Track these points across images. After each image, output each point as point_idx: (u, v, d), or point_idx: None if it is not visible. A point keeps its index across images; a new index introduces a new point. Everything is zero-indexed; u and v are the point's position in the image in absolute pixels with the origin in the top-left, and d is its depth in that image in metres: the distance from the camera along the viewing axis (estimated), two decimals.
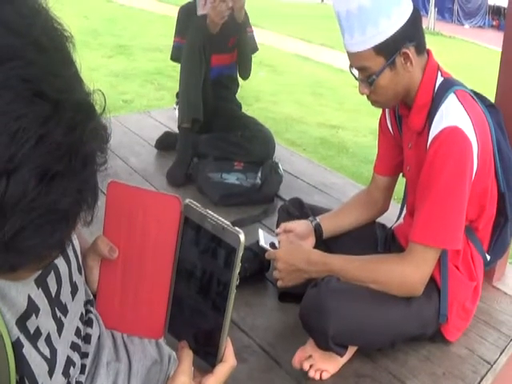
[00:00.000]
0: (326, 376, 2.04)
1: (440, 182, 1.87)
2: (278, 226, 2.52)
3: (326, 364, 2.04)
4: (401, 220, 2.46)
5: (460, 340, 2.24)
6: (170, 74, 8.47)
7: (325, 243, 2.38)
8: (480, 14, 23.85)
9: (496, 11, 23.71)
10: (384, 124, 2.35)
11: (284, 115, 7.40)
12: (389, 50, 1.91)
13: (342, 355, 2.00)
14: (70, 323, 1.09)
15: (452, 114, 1.89)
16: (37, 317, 0.95)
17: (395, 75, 1.96)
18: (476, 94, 2.08)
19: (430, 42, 2.04)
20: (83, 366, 1.15)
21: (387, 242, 2.42)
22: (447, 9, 23.46)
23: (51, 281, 1.00)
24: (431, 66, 2.02)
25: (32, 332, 0.95)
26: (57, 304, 1.03)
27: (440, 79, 2.01)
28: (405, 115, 2.13)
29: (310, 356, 2.05)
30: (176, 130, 3.76)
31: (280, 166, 3.59)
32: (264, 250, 2.38)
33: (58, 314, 1.04)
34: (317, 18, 18.77)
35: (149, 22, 14.14)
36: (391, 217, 2.51)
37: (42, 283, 0.98)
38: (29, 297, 0.94)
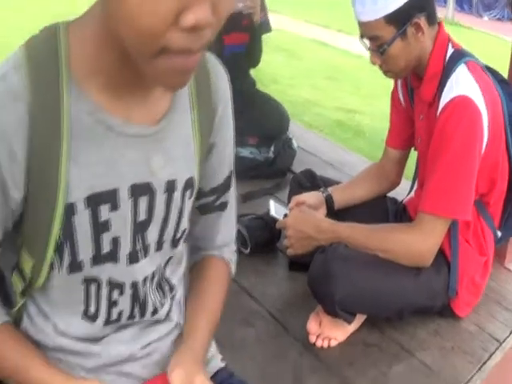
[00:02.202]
0: (333, 343, 2.05)
1: (449, 151, 1.86)
2: (289, 197, 2.52)
3: (333, 331, 2.04)
4: (412, 194, 2.44)
5: (470, 317, 2.24)
6: None
7: (336, 215, 2.37)
8: (499, 6, 23.56)
9: None
10: (396, 97, 2.35)
11: (301, 98, 7.37)
12: (400, 19, 1.92)
13: (349, 322, 2.01)
14: (142, 269, 1.12)
15: (462, 84, 1.89)
16: (111, 210, 1.00)
17: (406, 45, 1.96)
18: (488, 68, 2.07)
19: (449, 33, 2.04)
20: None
21: (398, 215, 2.41)
22: (466, 0, 23.24)
23: (142, 204, 1.04)
24: (442, 37, 2.01)
25: (101, 220, 0.99)
26: (140, 234, 1.07)
27: (451, 50, 2.01)
28: (416, 86, 2.13)
29: (319, 325, 2.06)
30: None
31: (294, 141, 3.58)
32: (274, 220, 2.38)
33: (138, 246, 1.08)
34: (334, 4, 18.61)
35: None
36: (403, 192, 2.51)
37: (135, 195, 1.03)
38: (114, 190, 0.99)
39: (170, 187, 1.08)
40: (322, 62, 9.90)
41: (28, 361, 1.05)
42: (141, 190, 1.03)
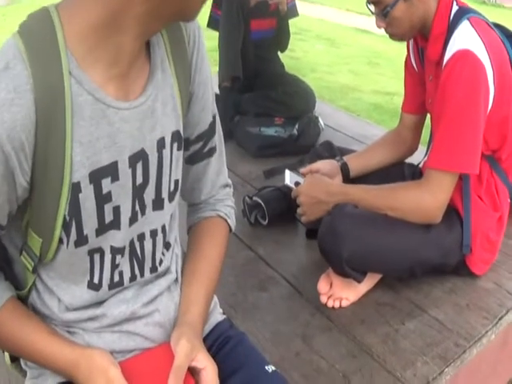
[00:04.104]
0: (345, 304, 2.08)
1: (452, 105, 1.87)
2: None
3: (345, 291, 2.07)
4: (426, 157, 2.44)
5: (488, 275, 2.24)
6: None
7: (352, 183, 2.38)
8: None
9: None
10: (409, 62, 2.36)
11: (339, 84, 7.35)
12: None
13: (359, 281, 2.03)
14: (141, 227, 1.18)
15: (463, 38, 1.89)
16: (112, 182, 1.06)
17: (409, 6, 1.97)
18: (496, 24, 2.06)
19: (492, 15, 2.04)
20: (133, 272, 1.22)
21: (415, 179, 2.41)
22: None
23: (138, 169, 1.11)
24: None
25: (104, 192, 1.06)
26: (138, 196, 1.13)
27: (455, 8, 2.00)
28: (424, 47, 2.13)
29: (330, 286, 2.08)
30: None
31: (320, 119, 3.60)
32: (291, 190, 2.41)
33: (137, 207, 1.14)
34: None
35: None
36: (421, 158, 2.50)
37: (133, 164, 1.09)
38: (114, 163, 1.06)
39: (160, 145, 1.14)
40: (363, 49, 9.82)
41: (34, 334, 1.11)
42: (137, 156, 1.09)
